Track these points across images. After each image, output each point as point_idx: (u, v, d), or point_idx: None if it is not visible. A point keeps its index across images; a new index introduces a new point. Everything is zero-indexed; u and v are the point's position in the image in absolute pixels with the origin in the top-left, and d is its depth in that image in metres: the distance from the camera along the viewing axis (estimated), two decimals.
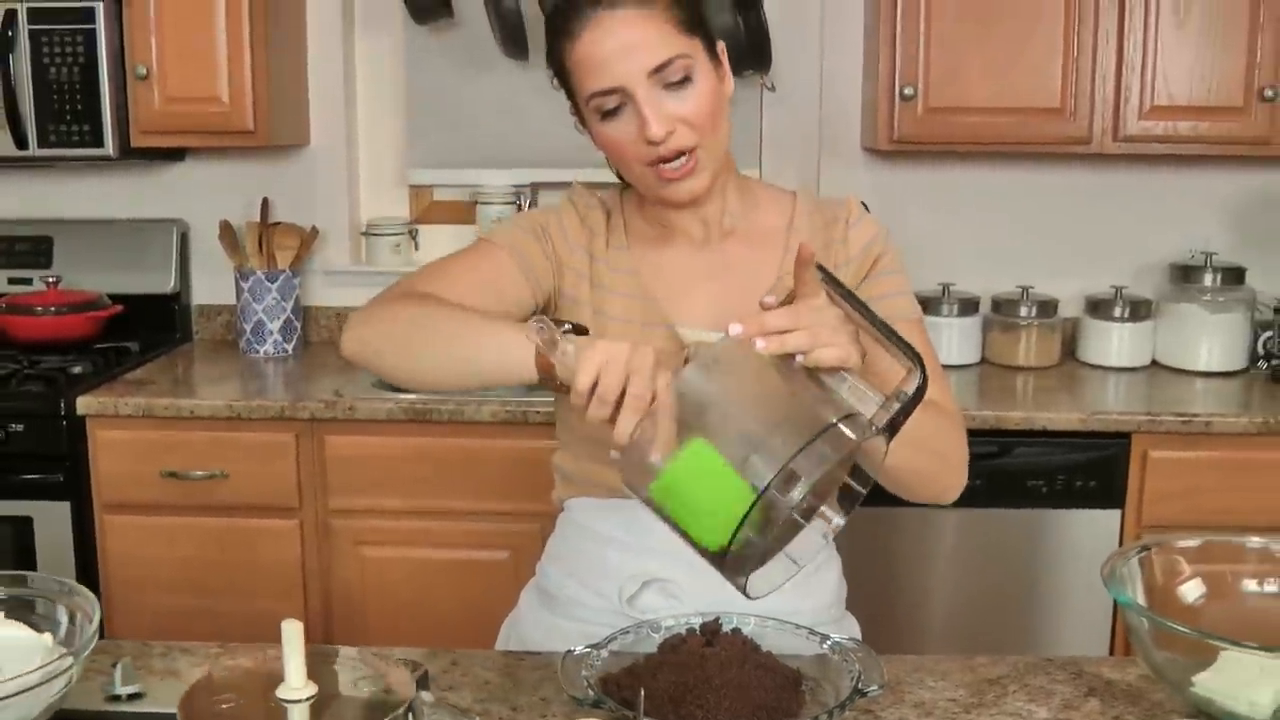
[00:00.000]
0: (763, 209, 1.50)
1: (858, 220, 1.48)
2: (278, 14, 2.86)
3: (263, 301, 2.96)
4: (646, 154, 1.33)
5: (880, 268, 1.47)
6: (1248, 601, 1.32)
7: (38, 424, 2.54)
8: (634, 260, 1.47)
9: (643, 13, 1.32)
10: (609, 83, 1.32)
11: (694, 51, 1.33)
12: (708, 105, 1.33)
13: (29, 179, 3.14)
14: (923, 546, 2.57)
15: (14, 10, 2.66)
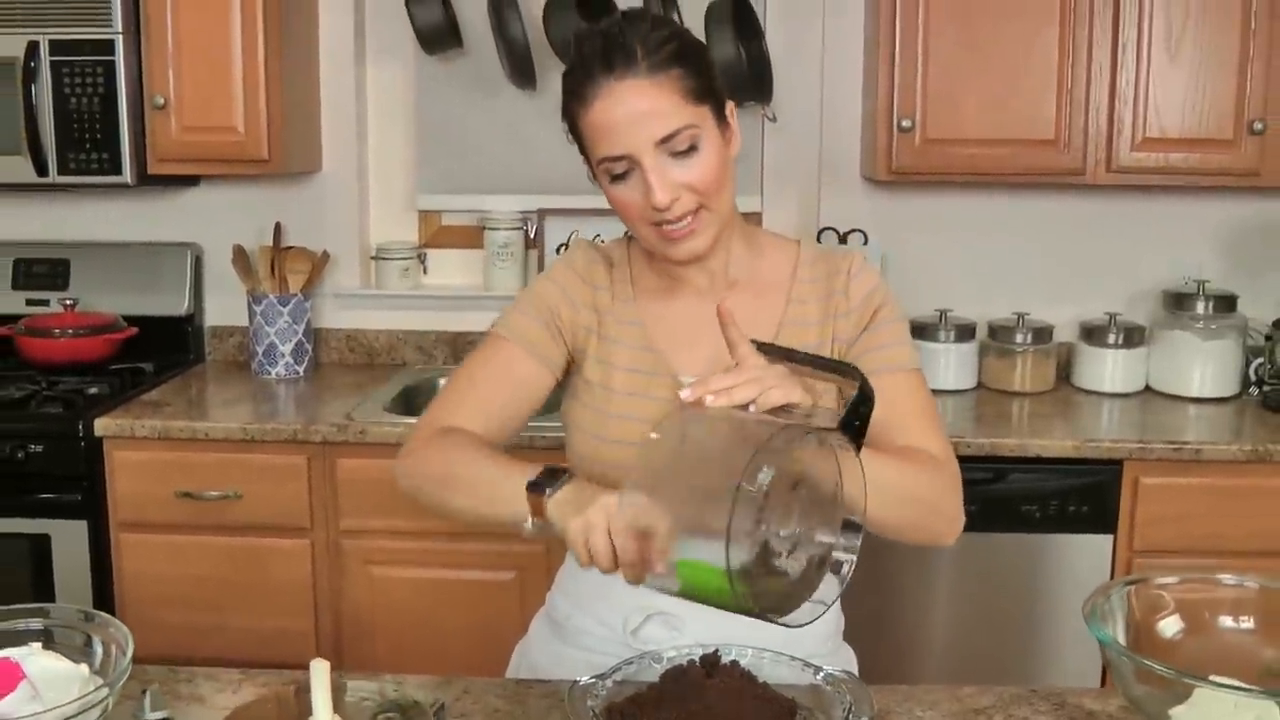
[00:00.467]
0: (767, 258, 1.56)
1: (859, 272, 1.54)
2: (291, 44, 2.92)
3: (275, 324, 3.03)
4: (651, 216, 1.40)
5: (880, 318, 1.53)
6: (1224, 637, 1.37)
7: (56, 445, 2.61)
8: (639, 312, 1.54)
9: (654, 82, 1.36)
10: (618, 150, 1.37)
11: (702, 120, 1.38)
12: (713, 172, 1.39)
13: (48, 203, 3.21)
14: (918, 570, 2.63)
15: (36, 41, 2.74)
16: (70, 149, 2.77)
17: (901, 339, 1.53)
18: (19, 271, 3.14)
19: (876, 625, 2.65)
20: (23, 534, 2.60)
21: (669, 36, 1.41)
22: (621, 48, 1.37)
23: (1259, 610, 1.38)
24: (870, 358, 1.51)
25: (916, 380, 1.52)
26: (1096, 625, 1.30)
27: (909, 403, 1.49)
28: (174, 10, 2.77)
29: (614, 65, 1.37)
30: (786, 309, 1.53)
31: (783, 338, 1.51)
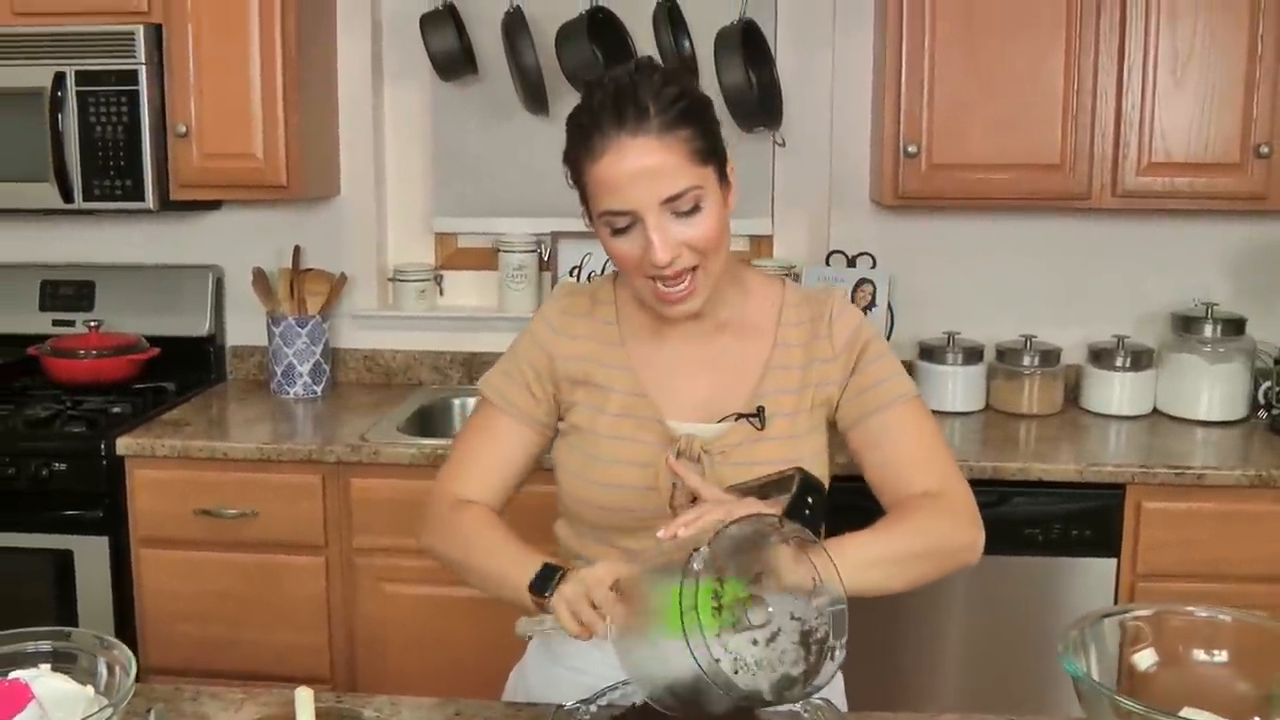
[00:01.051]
0: (754, 299, 1.59)
1: (840, 314, 1.57)
2: (310, 71, 2.99)
3: (293, 346, 3.09)
4: (649, 270, 1.43)
5: (866, 357, 1.56)
6: (1197, 670, 1.40)
7: (79, 463, 2.68)
8: (627, 356, 1.58)
9: (663, 143, 1.38)
10: (622, 205, 1.40)
11: (706, 181, 1.41)
12: (713, 232, 1.42)
13: (74, 228, 3.29)
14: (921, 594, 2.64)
15: (63, 73, 2.82)
16: (95, 176, 2.85)
17: (892, 372, 1.57)
18: (46, 293, 3.23)
19: (880, 649, 2.68)
20: (47, 549, 2.67)
21: (680, 94, 1.43)
22: (634, 102, 1.39)
23: (1233, 643, 1.40)
24: (866, 398, 1.55)
25: (915, 408, 1.56)
26: (1069, 659, 1.33)
27: (911, 435, 1.55)
28: (195, 42, 2.84)
29: (625, 121, 1.39)
30: (772, 353, 1.56)
31: (767, 381, 1.55)
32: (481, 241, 3.33)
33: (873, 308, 3.02)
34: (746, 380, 1.56)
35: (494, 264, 3.26)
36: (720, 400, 1.56)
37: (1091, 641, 1.38)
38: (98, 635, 1.35)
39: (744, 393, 1.56)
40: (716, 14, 3.00)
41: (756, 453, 1.53)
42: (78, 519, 2.68)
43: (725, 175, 1.47)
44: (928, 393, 3.02)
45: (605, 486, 1.55)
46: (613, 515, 1.55)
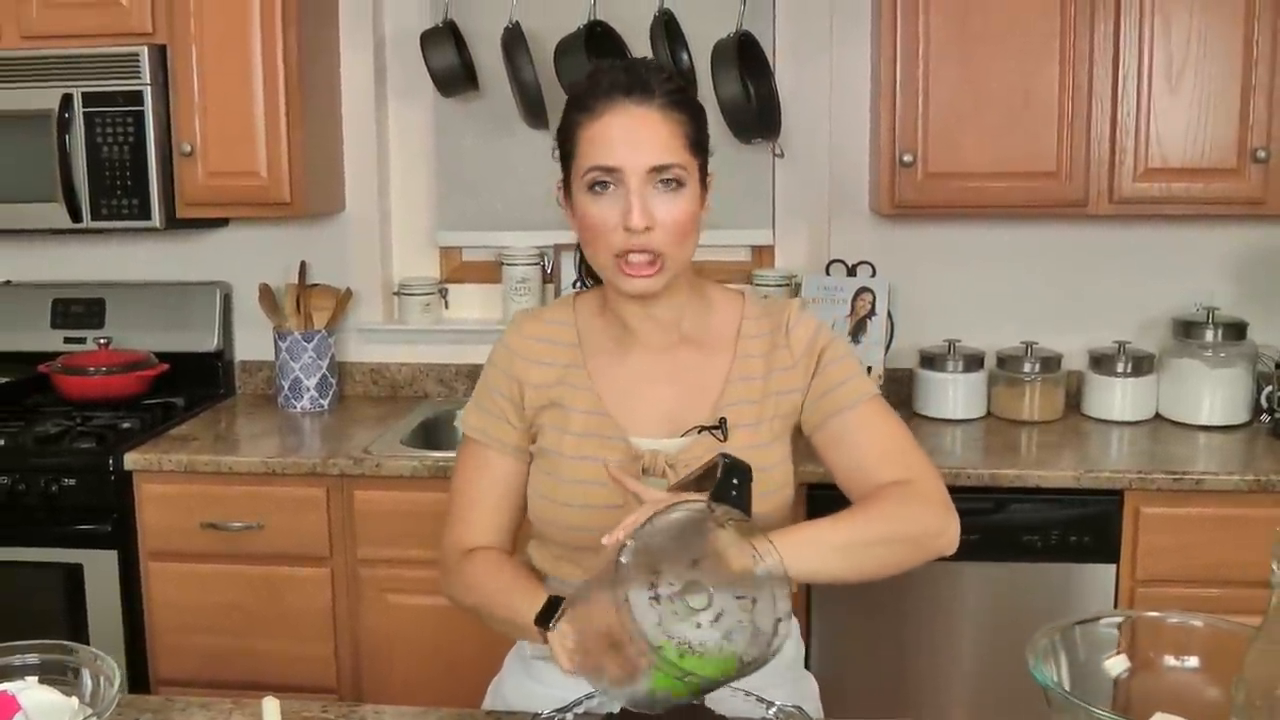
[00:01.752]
0: (715, 312, 1.62)
1: (797, 322, 1.60)
2: (314, 89, 3.03)
3: (299, 360, 3.13)
4: (618, 242, 1.45)
5: (825, 360, 1.59)
6: (1169, 676, 1.40)
7: (88, 478, 2.72)
8: (590, 375, 1.59)
9: (665, 116, 1.46)
10: (612, 161, 1.44)
11: (691, 169, 1.47)
12: (687, 217, 1.47)
13: (84, 246, 3.35)
14: (919, 599, 2.66)
15: (70, 94, 2.87)
16: (103, 195, 2.90)
17: (852, 373, 1.59)
18: (57, 311, 3.28)
19: (877, 655, 2.69)
20: (57, 563, 2.72)
21: (682, 88, 1.51)
22: (641, 82, 1.47)
23: (1204, 649, 1.41)
24: (828, 400, 1.57)
25: (878, 407, 1.58)
26: (1037, 666, 1.33)
27: (876, 432, 1.56)
28: (199, 62, 2.89)
29: (632, 91, 1.46)
30: (733, 364, 1.58)
31: (728, 394, 1.57)
32: (485, 255, 3.37)
33: (872, 316, 3.03)
34: (708, 393, 1.57)
35: (498, 277, 3.29)
36: (682, 414, 1.57)
37: (1062, 649, 1.39)
38: (83, 648, 1.38)
39: (706, 406, 1.57)
40: (714, 26, 3.02)
41: None
42: (87, 533, 2.72)
43: (706, 181, 1.52)
44: (928, 401, 3.03)
45: (572, 507, 1.57)
46: (581, 535, 1.56)
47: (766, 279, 3.19)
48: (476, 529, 1.62)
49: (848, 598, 2.68)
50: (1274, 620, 1.12)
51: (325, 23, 3.14)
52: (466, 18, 3.16)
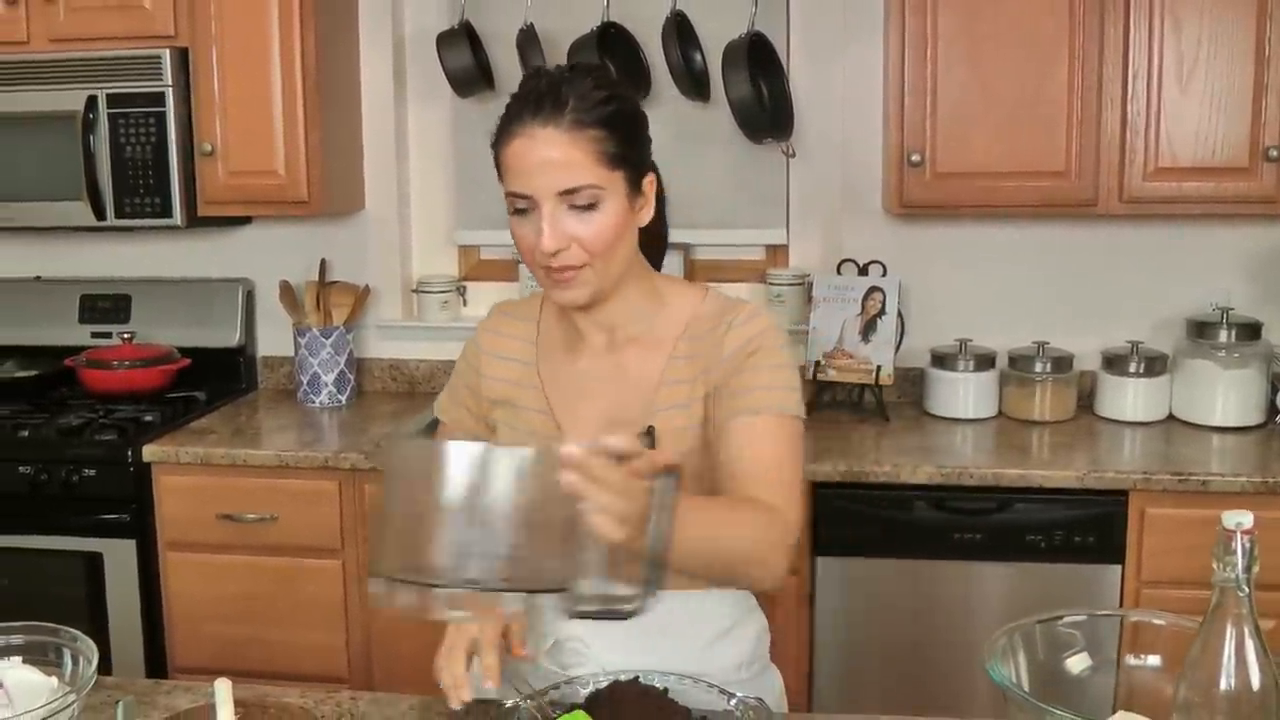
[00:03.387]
0: (669, 310, 1.60)
1: (743, 323, 1.55)
2: (332, 90, 3.09)
3: (318, 356, 3.19)
4: (539, 258, 1.47)
5: (752, 363, 1.52)
6: (1130, 675, 1.41)
7: (108, 469, 2.80)
8: (540, 374, 1.62)
9: (571, 137, 1.43)
10: (522, 189, 1.46)
11: (610, 184, 1.45)
12: (607, 234, 1.46)
13: (111, 243, 3.44)
14: (923, 598, 2.67)
15: (95, 95, 2.94)
16: (126, 194, 2.97)
17: (774, 383, 1.52)
18: (84, 307, 3.37)
19: (880, 653, 2.70)
20: (77, 552, 2.79)
21: (606, 99, 1.47)
22: (555, 97, 1.44)
23: (1166, 647, 1.41)
24: (735, 401, 1.52)
25: (776, 426, 1.50)
26: (994, 665, 1.34)
27: (758, 450, 1.49)
28: (219, 63, 2.96)
29: (540, 111, 1.44)
30: (667, 367, 1.57)
31: (660, 398, 1.56)
32: (503, 254, 3.40)
33: (883, 315, 3.03)
34: (644, 397, 1.56)
35: (515, 275, 3.33)
36: (621, 416, 1.57)
37: (1022, 648, 1.39)
38: (65, 629, 1.43)
39: (642, 410, 1.56)
40: (728, 27, 3.04)
41: None
42: (107, 523, 2.79)
43: (640, 187, 1.51)
44: (939, 400, 3.03)
45: None
46: None
47: (780, 278, 3.20)
48: None
49: (851, 597, 2.69)
50: (1213, 619, 1.12)
51: (344, 24, 3.19)
52: (483, 19, 3.20)
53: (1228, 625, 1.09)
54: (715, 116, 3.18)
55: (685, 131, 3.26)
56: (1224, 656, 1.09)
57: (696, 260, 3.32)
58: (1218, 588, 1.12)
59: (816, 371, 3.06)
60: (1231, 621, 1.09)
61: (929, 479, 2.61)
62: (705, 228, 3.29)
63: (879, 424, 2.98)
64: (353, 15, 3.24)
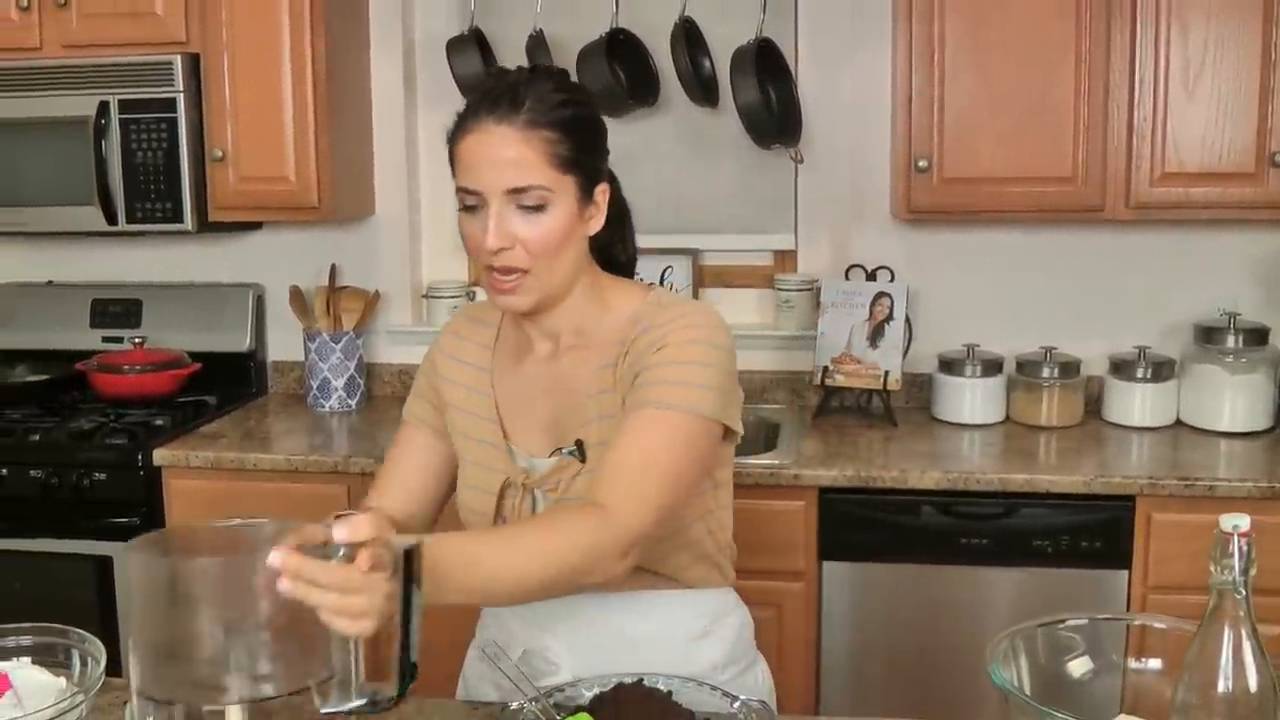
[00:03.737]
0: (612, 314, 1.57)
1: (662, 324, 1.51)
2: (343, 95, 3.11)
3: (328, 361, 3.21)
4: (484, 257, 1.47)
5: (657, 358, 1.48)
6: (1130, 678, 1.41)
7: (118, 473, 2.82)
8: (491, 381, 1.62)
9: (524, 136, 1.43)
10: (472, 184, 1.46)
11: (560, 188, 1.45)
12: (552, 238, 1.46)
13: (123, 248, 3.46)
14: (929, 603, 2.67)
15: (107, 101, 2.97)
16: (137, 199, 2.99)
17: (673, 379, 1.47)
18: (96, 311, 3.39)
19: (887, 657, 2.70)
20: (87, 555, 2.81)
21: (563, 102, 1.47)
22: (512, 96, 1.45)
23: (1169, 651, 1.42)
24: (634, 394, 1.49)
25: (663, 420, 1.46)
26: (996, 668, 1.34)
27: (634, 442, 1.45)
28: (230, 69, 2.98)
29: (496, 108, 1.45)
30: (598, 376, 1.55)
31: (591, 407, 1.54)
32: None
33: (890, 321, 3.04)
34: (578, 407, 1.55)
35: None
36: (561, 426, 1.57)
37: (1023, 652, 1.40)
38: (74, 630, 1.44)
39: (576, 421, 1.56)
40: (736, 32, 3.05)
41: (580, 487, 1.53)
42: (116, 526, 2.80)
43: (592, 195, 1.51)
44: (947, 405, 3.03)
45: (468, 511, 1.62)
46: None
47: (788, 283, 3.21)
48: (386, 493, 1.66)
49: (858, 601, 2.70)
50: (1211, 621, 1.13)
51: (355, 30, 3.21)
52: (492, 25, 3.22)
53: (1225, 627, 1.10)
54: (724, 122, 3.20)
55: (694, 137, 3.28)
56: (1222, 659, 1.10)
57: (705, 266, 3.33)
58: (1215, 590, 1.13)
59: (824, 377, 3.07)
60: (1229, 624, 1.10)
61: (936, 484, 2.61)
62: (714, 233, 3.31)
63: (887, 429, 2.99)
64: (363, 21, 3.26)
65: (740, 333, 3.29)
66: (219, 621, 1.14)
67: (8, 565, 2.83)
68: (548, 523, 1.44)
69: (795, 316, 3.20)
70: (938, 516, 2.63)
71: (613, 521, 1.39)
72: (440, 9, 3.32)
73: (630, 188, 1.67)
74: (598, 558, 1.38)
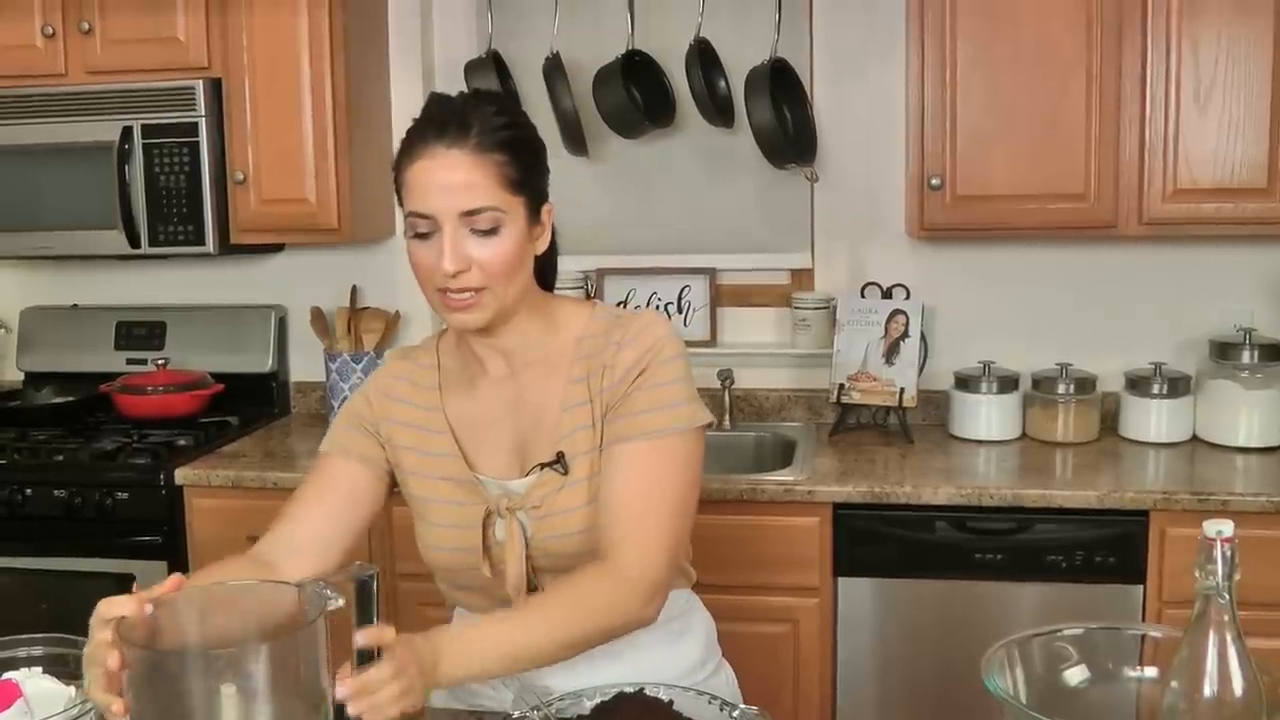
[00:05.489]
0: (560, 333, 1.59)
1: (632, 340, 1.55)
2: (363, 119, 3.15)
3: (349, 381, 3.25)
4: (439, 280, 1.48)
5: (641, 381, 1.53)
6: (1128, 686, 1.41)
7: (141, 492, 2.86)
8: (446, 417, 1.61)
9: (475, 160, 1.45)
10: (424, 209, 1.46)
11: (511, 209, 1.47)
12: (506, 258, 1.47)
13: (146, 271, 3.52)
14: (943, 617, 2.67)
15: (130, 126, 3.03)
16: (160, 222, 3.05)
17: (659, 404, 1.52)
18: (120, 333, 3.45)
19: (900, 673, 2.70)
20: (110, 573, 2.84)
21: (507, 125, 1.49)
22: (459, 120, 1.46)
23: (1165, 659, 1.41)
24: (622, 423, 1.53)
25: (658, 450, 1.51)
26: (991, 676, 1.35)
27: (636, 478, 1.51)
28: (251, 93, 3.03)
29: (445, 133, 1.45)
30: (565, 389, 1.57)
31: (564, 422, 1.56)
32: None
33: (906, 338, 3.05)
34: (548, 424, 1.56)
35: None
36: (528, 447, 1.58)
37: (1019, 661, 1.40)
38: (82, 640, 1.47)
39: (547, 436, 1.57)
40: (751, 53, 3.08)
41: (565, 499, 1.56)
42: (139, 545, 2.85)
43: (538, 215, 1.53)
44: (963, 422, 3.03)
45: (438, 549, 1.61)
46: (454, 574, 1.63)
47: (805, 302, 3.23)
48: (290, 524, 1.63)
49: (874, 617, 2.70)
50: (1197, 627, 1.13)
51: (375, 54, 3.26)
52: (510, 48, 3.26)
53: (1210, 632, 1.10)
54: (739, 142, 3.22)
55: (710, 158, 3.31)
56: (1208, 663, 1.10)
57: (722, 285, 3.35)
58: (1200, 596, 1.13)
59: (840, 394, 3.07)
60: (1214, 629, 1.10)
61: (950, 500, 2.61)
62: (730, 252, 3.33)
63: (903, 446, 2.99)
64: (382, 45, 3.31)
65: (758, 351, 3.35)
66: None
67: (32, 584, 2.87)
68: (569, 598, 1.47)
69: (812, 334, 3.21)
70: (952, 532, 2.64)
71: (625, 579, 1.47)
72: (459, 32, 3.36)
73: (647, 208, 1.68)
74: (624, 616, 1.48)
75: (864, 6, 3.15)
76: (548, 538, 1.56)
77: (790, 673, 2.72)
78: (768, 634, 2.69)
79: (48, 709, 1.38)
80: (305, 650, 1.22)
